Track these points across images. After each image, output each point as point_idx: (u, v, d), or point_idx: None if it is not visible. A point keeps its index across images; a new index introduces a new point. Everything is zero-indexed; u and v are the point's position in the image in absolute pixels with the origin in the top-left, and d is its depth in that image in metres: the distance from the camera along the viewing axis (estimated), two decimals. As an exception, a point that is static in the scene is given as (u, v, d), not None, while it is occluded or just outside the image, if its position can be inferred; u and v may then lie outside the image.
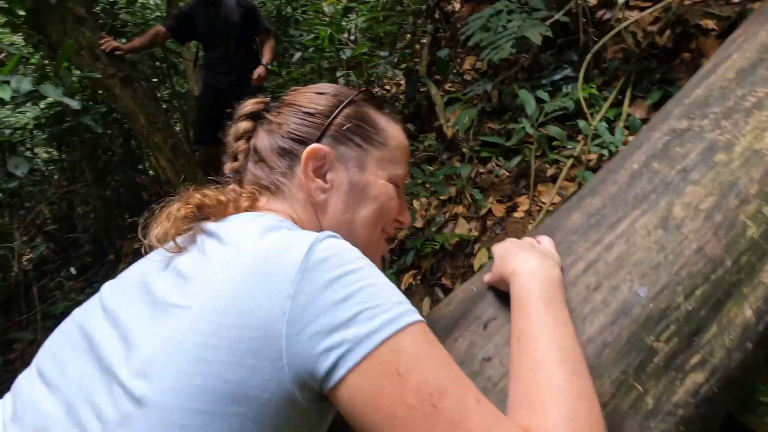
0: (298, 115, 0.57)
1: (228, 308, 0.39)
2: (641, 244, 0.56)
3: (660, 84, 1.92)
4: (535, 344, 0.44)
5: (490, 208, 1.99)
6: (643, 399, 0.47)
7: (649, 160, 0.68)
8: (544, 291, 0.49)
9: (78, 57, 2.72)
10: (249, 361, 0.38)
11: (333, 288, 0.39)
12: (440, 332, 0.66)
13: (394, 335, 0.38)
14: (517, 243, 0.61)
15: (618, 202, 0.64)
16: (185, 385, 0.38)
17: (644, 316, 0.50)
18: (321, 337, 0.38)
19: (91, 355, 0.44)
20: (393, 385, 0.37)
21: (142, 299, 0.45)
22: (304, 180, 0.55)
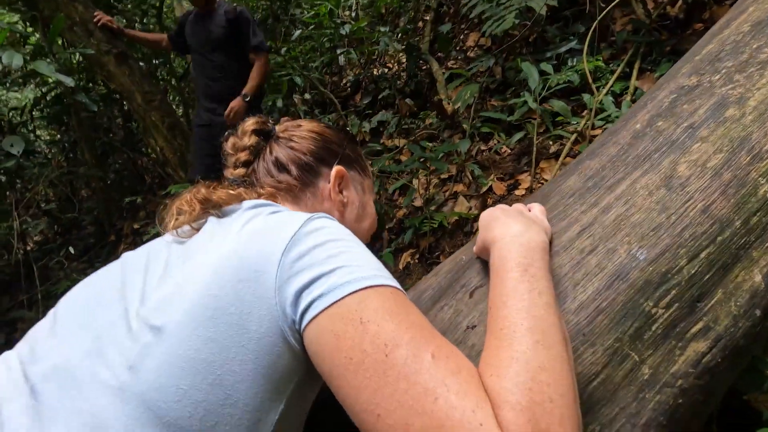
0: (317, 141, 0.68)
1: (232, 256, 0.46)
2: (641, 204, 0.51)
3: (670, 56, 1.84)
4: (503, 312, 0.43)
5: (491, 185, 1.93)
6: (639, 368, 0.43)
7: (654, 119, 0.63)
8: (523, 257, 0.47)
9: (71, 33, 2.66)
10: (248, 298, 0.43)
11: (322, 248, 0.45)
12: (427, 302, 0.63)
13: (366, 289, 0.42)
14: (504, 209, 0.58)
15: (618, 164, 0.60)
16: (198, 315, 0.43)
17: (642, 281, 0.46)
18: (304, 283, 0.43)
19: (119, 304, 0.49)
20: (354, 330, 0.40)
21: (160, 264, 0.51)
22: (332, 192, 0.66)
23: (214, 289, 0.44)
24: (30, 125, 3.80)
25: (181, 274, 0.47)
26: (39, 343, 0.49)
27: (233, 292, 0.44)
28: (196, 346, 0.42)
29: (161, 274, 0.50)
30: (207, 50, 2.40)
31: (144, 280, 0.50)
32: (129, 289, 0.50)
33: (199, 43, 2.43)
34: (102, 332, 0.47)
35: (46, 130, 4.42)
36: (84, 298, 0.53)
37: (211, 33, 2.38)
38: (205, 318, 0.43)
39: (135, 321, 0.45)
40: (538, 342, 0.39)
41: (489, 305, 0.45)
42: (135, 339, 0.44)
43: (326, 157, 0.68)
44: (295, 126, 0.71)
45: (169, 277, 0.48)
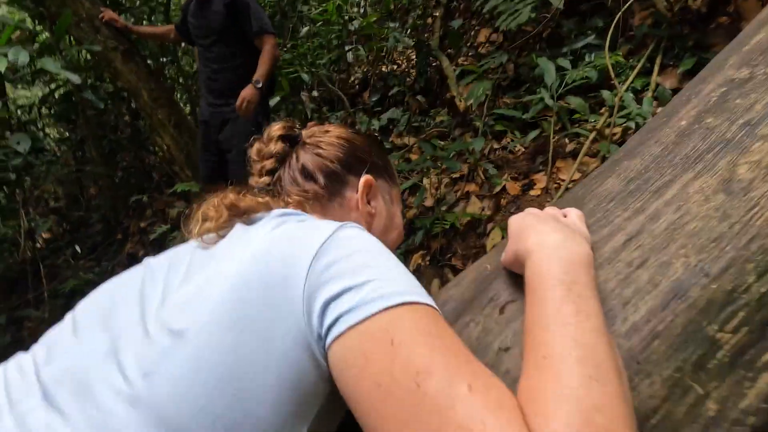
0: (345, 148, 0.66)
1: (262, 257, 0.43)
2: (697, 211, 0.45)
3: (693, 51, 1.76)
4: (545, 338, 0.37)
5: (505, 185, 1.87)
6: (704, 403, 0.37)
7: (702, 115, 0.57)
8: (565, 273, 0.41)
9: (78, 29, 2.63)
10: (275, 303, 0.40)
11: (354, 257, 0.42)
12: (448, 316, 0.57)
13: (399, 306, 0.38)
14: (537, 214, 0.51)
15: (663, 164, 0.54)
16: (223, 321, 0.40)
17: (705, 300, 0.40)
18: (333, 293, 0.39)
19: (136, 308, 0.47)
20: (383, 353, 0.36)
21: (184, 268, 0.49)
22: (360, 203, 0.64)
23: (240, 292, 0.41)
24: (39, 123, 3.80)
25: (204, 277, 0.45)
26: (56, 347, 0.48)
27: (259, 297, 0.41)
28: (218, 353, 0.39)
29: (182, 278, 0.48)
30: (207, 42, 2.23)
31: (165, 283, 0.48)
32: (148, 293, 0.48)
33: (199, 33, 2.26)
34: (118, 336, 0.45)
35: (55, 128, 4.43)
36: (103, 302, 0.51)
37: (209, 22, 2.18)
38: (230, 323, 0.40)
39: (153, 324, 0.43)
40: (591, 377, 0.33)
41: (526, 328, 0.39)
42: (152, 343, 0.41)
43: (354, 165, 0.66)
44: (323, 132, 0.68)
45: (191, 279, 0.46)
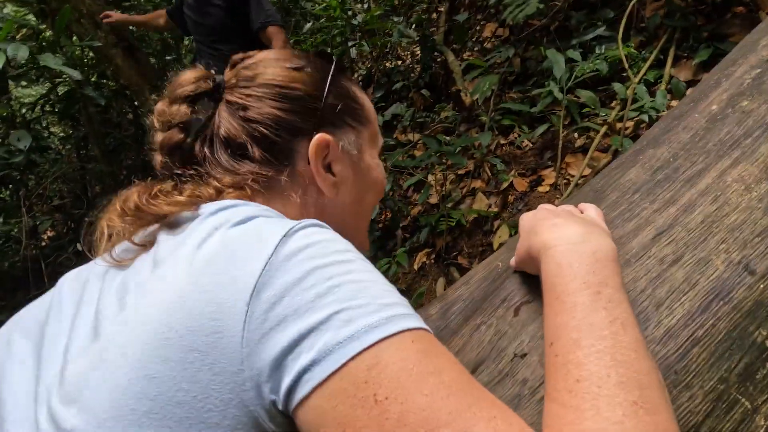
0: (279, 100, 0.47)
1: (179, 307, 0.32)
2: (737, 202, 0.41)
3: (709, 42, 1.70)
4: (577, 357, 0.31)
5: (512, 181, 1.82)
6: (752, 419, 0.32)
7: (735, 98, 0.52)
8: (591, 273, 0.35)
9: (78, 25, 2.61)
10: (203, 376, 0.30)
11: (306, 282, 0.32)
12: (457, 317, 0.53)
13: (376, 344, 0.29)
14: (551, 209, 0.46)
15: (695, 152, 0.49)
16: (127, 413, 0.30)
17: (752, 302, 0.35)
18: (286, 344, 0.30)
19: (33, 369, 0.37)
20: (367, 415, 0.28)
21: (92, 301, 0.39)
22: (316, 176, 0.48)
23: (152, 365, 0.31)
24: (43, 121, 3.80)
25: (105, 336, 0.34)
26: None
27: (180, 367, 0.31)
28: None
29: (88, 324, 0.36)
30: (208, 40, 1.97)
31: (69, 333, 0.37)
32: (46, 352, 0.38)
33: (198, 30, 2.00)
34: (8, 410, 0.35)
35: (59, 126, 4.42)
36: (7, 347, 0.40)
37: (208, 18, 1.90)
38: (137, 415, 0.30)
39: (44, 410, 0.33)
40: (635, 404, 0.28)
41: (549, 338, 0.33)
42: None
43: (300, 123, 0.48)
44: (248, 77, 0.48)
45: (94, 336, 0.35)
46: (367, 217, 0.57)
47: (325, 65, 0.52)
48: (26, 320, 0.42)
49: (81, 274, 0.44)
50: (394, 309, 0.31)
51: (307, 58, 0.52)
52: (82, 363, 0.33)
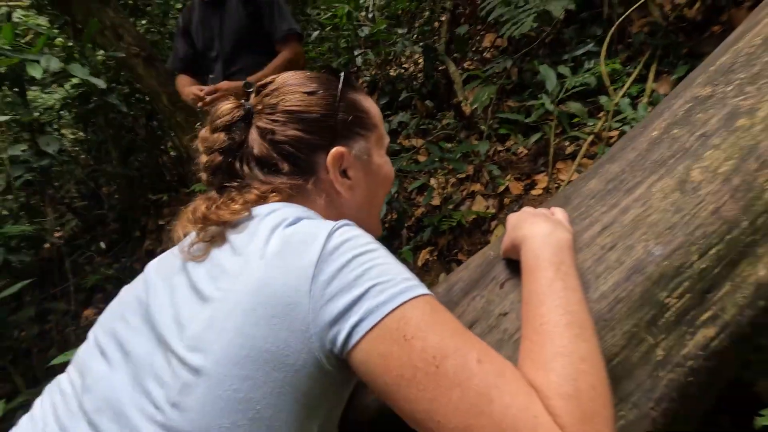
0: (300, 123, 0.58)
1: (261, 289, 0.45)
2: (658, 206, 0.57)
3: (687, 58, 1.86)
4: (542, 309, 0.46)
5: (508, 185, 1.99)
6: (654, 351, 0.49)
7: (670, 126, 0.68)
8: (554, 255, 0.50)
9: (102, 37, 2.77)
10: (283, 334, 0.44)
11: (348, 268, 0.45)
12: (458, 293, 0.69)
13: (401, 305, 0.43)
14: (531, 211, 0.62)
15: (636, 168, 0.65)
16: (234, 355, 0.43)
17: (658, 274, 0.52)
18: (339, 310, 0.43)
19: (151, 332, 0.50)
20: (400, 349, 0.42)
21: (185, 285, 0.51)
22: (335, 183, 0.59)
23: (247, 327, 0.44)
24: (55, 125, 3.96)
25: (210, 309, 0.46)
26: (86, 370, 0.52)
27: (267, 328, 0.44)
28: (235, 385, 0.43)
29: (191, 300, 0.49)
30: (227, 52, 1.76)
31: (173, 306, 0.50)
32: (158, 315, 0.50)
33: (214, 44, 1.78)
34: (141, 362, 0.48)
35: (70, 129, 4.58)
36: (116, 324, 0.53)
37: (227, 27, 1.72)
38: (240, 357, 0.43)
39: (173, 357, 0.46)
40: (577, 336, 0.43)
41: (524, 301, 0.49)
42: (174, 375, 0.45)
43: (319, 141, 0.59)
44: (273, 103, 0.58)
45: (200, 306, 0.47)
46: (379, 207, 0.69)
47: (334, 83, 0.62)
48: (129, 299, 0.56)
49: (163, 264, 0.57)
50: (410, 281, 0.45)
51: (319, 80, 0.62)
52: (196, 326, 0.46)
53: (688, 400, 0.49)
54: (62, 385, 0.54)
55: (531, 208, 0.65)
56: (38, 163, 2.76)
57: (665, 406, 0.48)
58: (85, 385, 0.50)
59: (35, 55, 2.27)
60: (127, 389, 0.47)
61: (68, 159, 3.78)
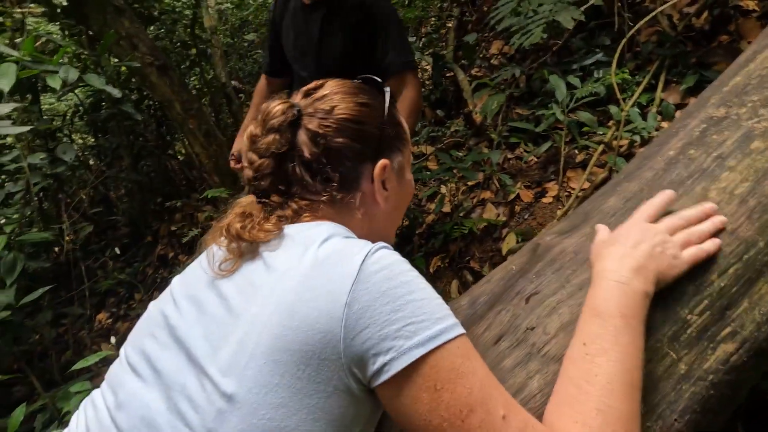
0: (350, 132, 0.57)
1: (293, 313, 0.45)
2: (677, 226, 0.60)
3: (696, 68, 1.89)
4: (601, 360, 0.46)
5: (518, 193, 2.01)
6: (677, 365, 0.52)
7: (686, 147, 0.71)
8: (627, 307, 0.48)
9: (117, 46, 2.83)
10: (315, 361, 0.44)
11: (383, 299, 0.45)
12: (483, 306, 0.72)
13: (434, 351, 0.44)
14: (622, 237, 0.55)
15: (654, 187, 0.68)
16: (267, 383, 0.44)
17: (679, 292, 0.55)
18: (372, 343, 0.44)
19: (180, 350, 0.50)
20: (429, 397, 0.43)
21: (215, 301, 0.51)
22: (377, 194, 0.60)
23: (278, 353, 0.44)
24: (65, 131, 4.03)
25: (243, 330, 0.46)
26: (118, 386, 0.52)
27: (299, 355, 0.44)
28: (269, 414, 0.43)
29: (222, 316, 0.48)
30: (328, 65, 1.36)
31: (201, 323, 0.49)
32: (186, 332, 0.50)
33: (306, 62, 1.41)
34: (172, 381, 0.48)
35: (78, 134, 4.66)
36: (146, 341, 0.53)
37: (327, 50, 1.34)
38: (273, 384, 0.44)
39: (207, 380, 0.46)
40: (625, 395, 0.44)
41: (580, 339, 0.48)
42: (209, 401, 0.45)
43: (367, 151, 0.59)
44: (327, 108, 0.57)
45: (232, 323, 0.47)
46: (400, 218, 0.71)
47: (380, 96, 0.63)
48: (156, 315, 0.55)
49: (188, 277, 0.57)
50: (444, 322, 0.46)
51: (368, 92, 0.62)
52: (229, 349, 0.46)
53: (710, 413, 0.52)
54: (96, 401, 0.54)
55: (616, 236, 0.57)
56: (53, 170, 2.82)
57: (688, 418, 0.51)
58: (118, 402, 0.50)
59: (54, 66, 2.32)
60: (161, 409, 0.47)
61: (78, 165, 3.84)
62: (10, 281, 1.79)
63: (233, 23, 4.89)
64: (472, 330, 0.69)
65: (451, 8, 3.54)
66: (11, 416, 1.23)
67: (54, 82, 2.30)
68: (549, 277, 0.65)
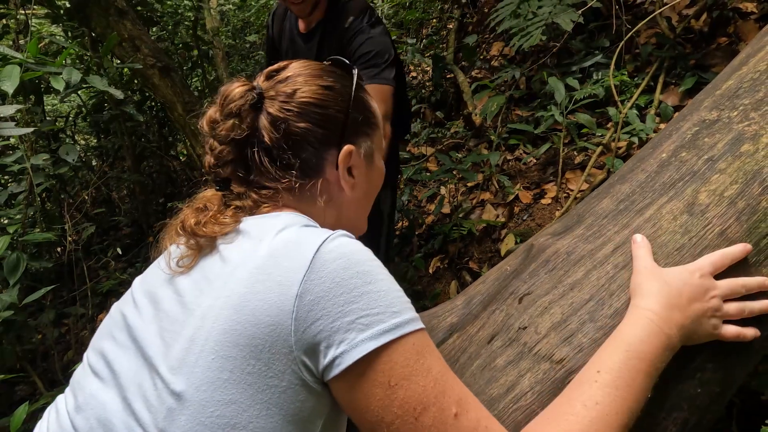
0: (313, 116, 0.55)
1: (243, 306, 0.44)
2: (667, 227, 0.61)
3: (694, 70, 1.90)
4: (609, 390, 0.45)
5: (518, 194, 2.02)
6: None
7: (678, 149, 0.72)
8: (658, 358, 0.48)
9: (120, 48, 2.85)
10: (265, 355, 0.43)
11: (337, 290, 0.43)
12: (477, 306, 0.73)
13: (388, 345, 0.43)
14: (680, 284, 0.52)
15: (646, 189, 0.69)
16: (215, 379, 0.43)
17: (667, 292, 0.55)
18: (324, 335, 0.43)
19: (137, 349, 0.49)
20: (383, 393, 0.42)
21: (171, 298, 0.50)
22: (342, 181, 0.57)
23: (228, 348, 0.43)
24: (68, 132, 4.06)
25: (192, 327, 0.45)
26: (79, 389, 0.51)
27: (248, 350, 0.43)
28: (217, 411, 0.42)
29: (176, 313, 0.48)
30: None
31: (157, 320, 0.49)
32: (142, 332, 0.49)
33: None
34: (128, 381, 0.47)
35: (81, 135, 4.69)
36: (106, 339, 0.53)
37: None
38: (222, 381, 0.43)
39: (158, 379, 0.45)
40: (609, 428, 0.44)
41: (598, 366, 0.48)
42: (160, 399, 0.44)
43: (330, 136, 0.56)
44: (288, 91, 0.55)
45: (182, 326, 0.46)
46: (370, 205, 0.67)
47: (347, 79, 0.59)
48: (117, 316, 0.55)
49: (148, 277, 0.56)
50: (401, 315, 0.44)
51: (334, 75, 0.59)
52: (179, 345, 0.45)
53: (699, 410, 0.53)
54: (59, 405, 0.54)
55: (674, 277, 0.54)
56: (56, 170, 2.84)
57: (676, 415, 0.52)
58: (78, 404, 0.50)
59: (57, 68, 2.34)
60: (117, 409, 0.46)
61: (80, 165, 3.87)
62: (14, 281, 1.81)
63: (235, 24, 4.92)
64: (467, 329, 0.71)
65: (452, 10, 3.56)
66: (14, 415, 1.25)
67: (57, 83, 2.32)
68: (542, 278, 0.66)
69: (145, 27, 2.98)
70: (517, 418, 0.52)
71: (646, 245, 0.57)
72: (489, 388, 0.57)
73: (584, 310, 0.58)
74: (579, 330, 0.56)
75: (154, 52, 2.88)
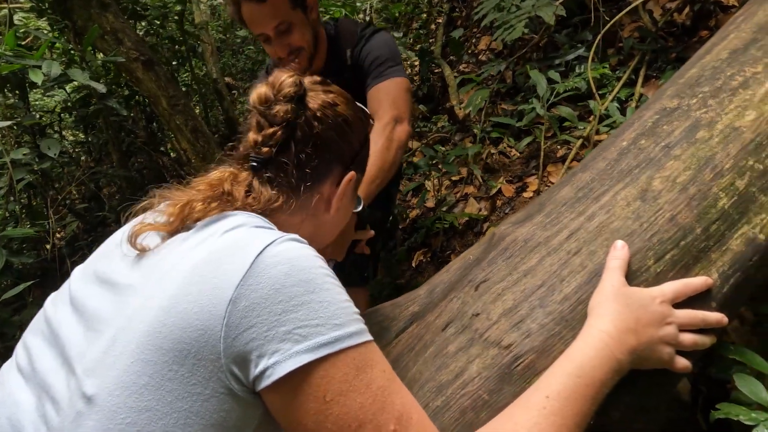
0: (341, 133, 0.58)
1: (171, 309, 0.41)
2: (620, 214, 0.61)
3: (675, 63, 1.90)
4: (555, 419, 0.44)
5: (500, 188, 2.02)
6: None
7: (638, 137, 0.72)
8: (608, 381, 0.48)
9: (102, 41, 2.82)
10: (190, 361, 0.40)
11: (275, 297, 0.41)
12: (438, 295, 0.73)
13: (326, 359, 0.41)
14: (638, 309, 0.51)
15: (605, 177, 0.69)
16: (130, 384, 0.40)
17: (616, 277, 0.55)
18: (256, 344, 0.40)
19: (58, 348, 0.46)
20: (317, 408, 0.40)
21: (106, 292, 0.47)
22: (334, 202, 0.59)
23: (149, 353, 0.40)
24: (56, 127, 4.01)
25: (116, 327, 0.43)
26: (3, 386, 0.49)
27: (172, 354, 0.40)
28: (129, 418, 0.39)
29: (102, 318, 0.45)
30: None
31: (85, 322, 0.46)
32: (64, 328, 0.47)
33: None
34: (43, 381, 0.45)
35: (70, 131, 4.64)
36: (31, 334, 0.51)
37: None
38: (138, 386, 0.40)
39: (73, 379, 0.42)
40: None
41: (545, 390, 0.46)
42: (70, 402, 0.41)
43: (345, 155, 0.60)
44: (330, 102, 0.58)
45: (107, 325, 0.44)
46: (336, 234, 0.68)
47: (366, 119, 0.66)
48: (48, 311, 0.52)
49: (86, 270, 0.53)
50: (343, 329, 0.42)
51: (361, 110, 0.65)
52: (99, 346, 0.43)
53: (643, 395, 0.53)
54: None
55: (633, 301, 0.52)
56: (39, 165, 2.80)
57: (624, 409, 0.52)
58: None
59: (36, 61, 2.31)
60: (29, 410, 0.44)
61: (68, 161, 3.83)
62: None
63: (225, 19, 4.87)
64: (426, 318, 0.70)
65: (441, 3, 3.54)
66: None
67: (36, 76, 2.29)
68: (499, 265, 0.66)
69: (132, 21, 2.94)
70: (463, 404, 0.52)
71: (623, 256, 0.55)
72: (439, 374, 0.57)
73: (535, 296, 0.58)
74: (528, 316, 0.56)
75: (137, 45, 2.84)
